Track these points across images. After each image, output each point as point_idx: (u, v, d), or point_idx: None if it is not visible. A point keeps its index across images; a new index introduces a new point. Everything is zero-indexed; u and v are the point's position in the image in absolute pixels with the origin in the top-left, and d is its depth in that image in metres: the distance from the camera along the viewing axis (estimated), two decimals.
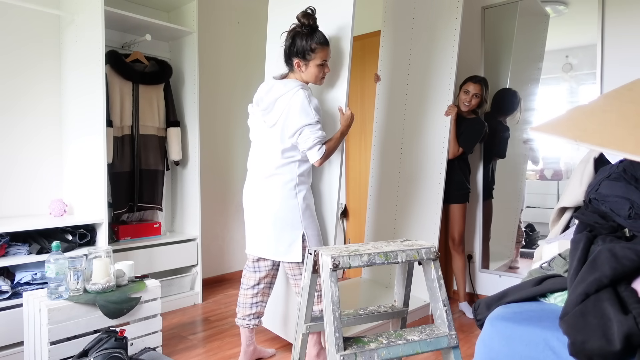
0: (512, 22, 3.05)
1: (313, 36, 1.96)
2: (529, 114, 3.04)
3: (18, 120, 2.64)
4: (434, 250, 1.47)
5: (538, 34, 2.97)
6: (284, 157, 2.00)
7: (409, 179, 3.08)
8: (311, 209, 2.08)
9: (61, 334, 1.89)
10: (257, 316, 2.18)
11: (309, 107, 1.92)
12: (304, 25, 1.95)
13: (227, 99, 3.83)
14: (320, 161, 1.97)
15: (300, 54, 1.98)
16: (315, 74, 2.02)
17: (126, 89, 2.92)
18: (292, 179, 2.01)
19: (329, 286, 1.33)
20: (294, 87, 1.96)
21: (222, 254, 3.80)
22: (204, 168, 3.51)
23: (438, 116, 2.91)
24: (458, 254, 2.99)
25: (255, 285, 2.16)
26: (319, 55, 1.98)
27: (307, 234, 2.02)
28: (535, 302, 1.20)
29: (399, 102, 3.18)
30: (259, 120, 2.09)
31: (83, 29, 2.61)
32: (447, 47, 2.88)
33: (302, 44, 1.96)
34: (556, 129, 1.06)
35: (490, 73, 3.10)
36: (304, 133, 1.92)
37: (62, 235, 2.46)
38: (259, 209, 2.08)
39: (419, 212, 3.00)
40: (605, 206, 1.29)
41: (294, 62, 2.01)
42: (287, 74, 2.09)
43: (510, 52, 3.09)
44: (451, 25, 2.86)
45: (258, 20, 4.05)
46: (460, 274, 2.99)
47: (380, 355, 1.31)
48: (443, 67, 2.90)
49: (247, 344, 2.19)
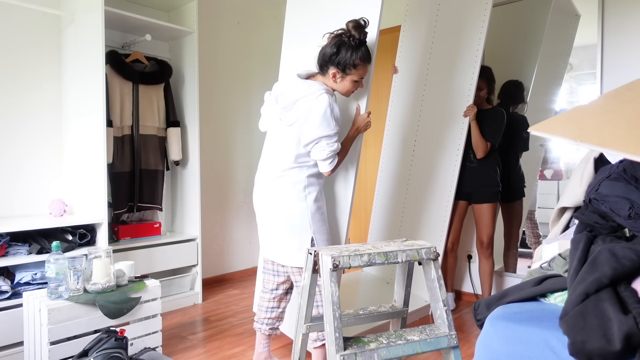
0: (543, 18, 2.97)
1: (359, 51, 1.82)
2: (548, 114, 2.98)
3: (18, 120, 2.64)
4: (434, 250, 1.47)
5: (567, 34, 2.90)
6: (296, 160, 1.88)
7: (420, 177, 3.03)
8: (322, 212, 1.94)
9: (61, 334, 1.89)
10: (274, 322, 2.07)
11: (331, 116, 1.79)
12: (353, 37, 1.81)
13: (227, 99, 3.83)
14: (330, 172, 1.89)
15: (340, 66, 1.83)
16: (348, 88, 1.90)
17: (126, 89, 2.92)
18: (301, 180, 1.89)
19: (329, 286, 1.33)
20: (318, 90, 1.82)
21: (222, 254, 3.80)
22: (204, 168, 3.51)
23: (456, 115, 2.84)
24: (485, 258, 2.85)
25: (272, 290, 2.06)
26: (359, 72, 1.86)
27: (316, 239, 1.89)
28: (535, 302, 1.20)
29: (416, 97, 3.12)
30: (275, 116, 1.96)
31: (83, 29, 2.61)
32: (471, 45, 2.80)
33: (346, 57, 1.81)
34: (556, 129, 1.06)
35: (514, 69, 3.04)
36: (320, 144, 1.81)
37: (62, 235, 2.46)
38: (267, 211, 1.97)
39: (427, 212, 2.97)
40: (605, 206, 1.29)
41: (330, 71, 1.86)
42: (315, 75, 1.95)
43: (539, 48, 3.01)
44: (478, 22, 2.77)
45: (258, 20, 4.05)
46: (487, 279, 2.86)
47: (380, 355, 1.31)
48: (466, 65, 2.82)
49: (259, 350, 2.09)
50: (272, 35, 4.15)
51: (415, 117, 3.12)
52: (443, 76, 2.97)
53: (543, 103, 3.04)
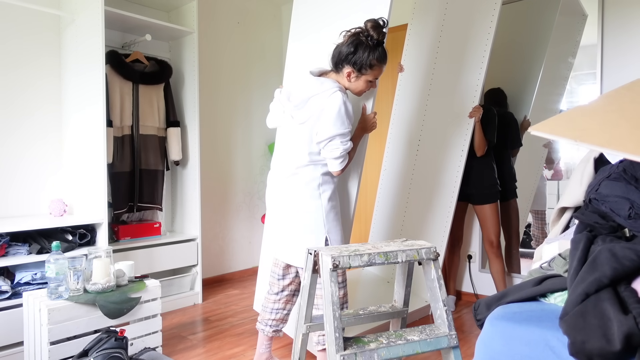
0: (551, 17, 2.95)
1: (376, 51, 1.80)
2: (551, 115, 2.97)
3: (18, 120, 2.64)
4: (434, 250, 1.47)
5: (573, 34, 2.88)
6: (309, 158, 1.84)
7: (423, 177, 3.03)
8: (336, 212, 1.89)
9: (61, 334, 1.89)
10: (277, 324, 2.04)
11: (345, 114, 1.76)
12: (371, 37, 1.78)
13: (227, 99, 3.83)
14: (340, 172, 1.85)
15: (356, 65, 1.81)
16: (361, 88, 1.87)
17: (126, 89, 2.92)
18: (316, 178, 1.84)
19: (329, 286, 1.33)
20: (331, 88, 1.79)
21: (222, 254, 3.80)
22: (204, 168, 3.51)
23: (462, 115, 2.84)
24: (497, 258, 2.84)
25: (278, 292, 2.03)
26: (375, 72, 1.84)
27: (330, 239, 1.84)
28: (535, 302, 1.20)
29: (421, 97, 3.10)
30: (287, 114, 1.92)
31: (83, 29, 2.61)
32: (479, 44, 2.79)
33: (363, 57, 1.79)
34: (556, 129, 1.06)
35: (520, 68, 3.03)
36: (334, 142, 1.78)
37: (62, 235, 2.46)
38: (281, 209, 1.94)
39: (430, 213, 2.96)
40: (605, 206, 1.29)
41: (345, 70, 1.83)
42: (328, 72, 1.92)
43: (546, 48, 2.99)
44: (487, 20, 2.75)
45: (258, 20, 4.05)
46: (501, 278, 2.85)
47: (380, 355, 1.31)
48: (473, 64, 2.81)
49: (261, 351, 2.07)
50: (272, 35, 4.15)
51: (420, 116, 3.11)
52: (449, 76, 2.95)
53: (548, 103, 3.03)
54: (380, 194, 3.29)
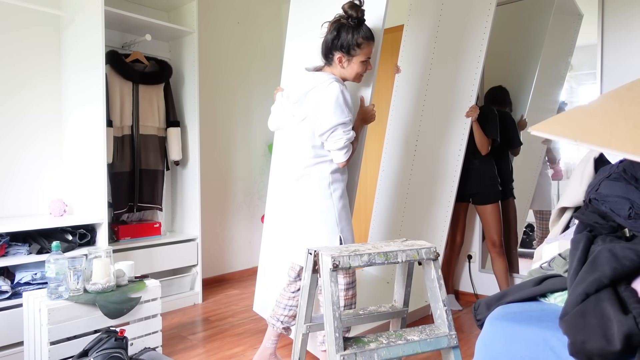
0: (546, 17, 2.96)
1: (359, 30, 1.79)
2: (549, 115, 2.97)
3: (18, 120, 2.64)
4: (434, 250, 1.47)
5: (569, 33, 2.88)
6: (315, 154, 1.84)
7: (421, 177, 3.03)
8: (347, 211, 1.90)
9: (61, 334, 1.89)
10: (289, 320, 2.04)
11: (344, 103, 1.76)
12: (351, 17, 1.78)
13: (227, 99, 3.83)
14: (345, 163, 1.84)
15: (344, 49, 1.80)
16: (357, 70, 1.86)
17: (126, 89, 2.92)
18: (325, 177, 1.84)
19: (329, 286, 1.33)
20: (327, 79, 1.79)
21: (222, 254, 3.80)
22: (204, 168, 3.51)
23: (459, 115, 2.84)
24: (500, 257, 2.85)
25: (295, 291, 2.03)
26: (365, 51, 1.82)
27: (343, 238, 1.84)
28: (535, 302, 1.20)
29: (418, 97, 3.12)
30: (288, 113, 1.93)
31: (83, 29, 2.61)
32: (474, 45, 2.80)
33: (348, 38, 1.79)
34: (556, 129, 1.06)
35: (516, 69, 3.03)
36: (337, 132, 1.77)
37: (62, 235, 2.46)
38: (293, 212, 1.94)
39: (428, 212, 2.97)
40: (605, 206, 1.29)
41: (335, 57, 1.83)
42: (322, 67, 1.92)
43: (541, 48, 2.99)
44: (482, 21, 2.77)
45: (258, 20, 4.05)
46: (504, 277, 2.86)
47: (380, 355, 1.31)
48: (468, 64, 2.82)
49: (267, 345, 2.07)
50: (272, 35, 4.15)
51: (417, 117, 3.12)
52: (445, 76, 2.96)
53: (544, 103, 3.03)
54: (379, 194, 3.30)
